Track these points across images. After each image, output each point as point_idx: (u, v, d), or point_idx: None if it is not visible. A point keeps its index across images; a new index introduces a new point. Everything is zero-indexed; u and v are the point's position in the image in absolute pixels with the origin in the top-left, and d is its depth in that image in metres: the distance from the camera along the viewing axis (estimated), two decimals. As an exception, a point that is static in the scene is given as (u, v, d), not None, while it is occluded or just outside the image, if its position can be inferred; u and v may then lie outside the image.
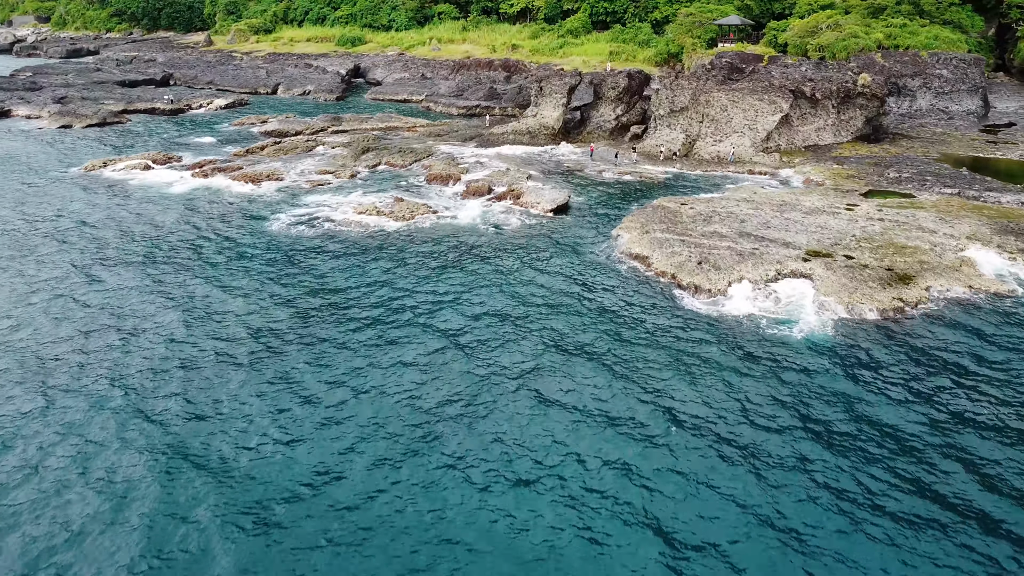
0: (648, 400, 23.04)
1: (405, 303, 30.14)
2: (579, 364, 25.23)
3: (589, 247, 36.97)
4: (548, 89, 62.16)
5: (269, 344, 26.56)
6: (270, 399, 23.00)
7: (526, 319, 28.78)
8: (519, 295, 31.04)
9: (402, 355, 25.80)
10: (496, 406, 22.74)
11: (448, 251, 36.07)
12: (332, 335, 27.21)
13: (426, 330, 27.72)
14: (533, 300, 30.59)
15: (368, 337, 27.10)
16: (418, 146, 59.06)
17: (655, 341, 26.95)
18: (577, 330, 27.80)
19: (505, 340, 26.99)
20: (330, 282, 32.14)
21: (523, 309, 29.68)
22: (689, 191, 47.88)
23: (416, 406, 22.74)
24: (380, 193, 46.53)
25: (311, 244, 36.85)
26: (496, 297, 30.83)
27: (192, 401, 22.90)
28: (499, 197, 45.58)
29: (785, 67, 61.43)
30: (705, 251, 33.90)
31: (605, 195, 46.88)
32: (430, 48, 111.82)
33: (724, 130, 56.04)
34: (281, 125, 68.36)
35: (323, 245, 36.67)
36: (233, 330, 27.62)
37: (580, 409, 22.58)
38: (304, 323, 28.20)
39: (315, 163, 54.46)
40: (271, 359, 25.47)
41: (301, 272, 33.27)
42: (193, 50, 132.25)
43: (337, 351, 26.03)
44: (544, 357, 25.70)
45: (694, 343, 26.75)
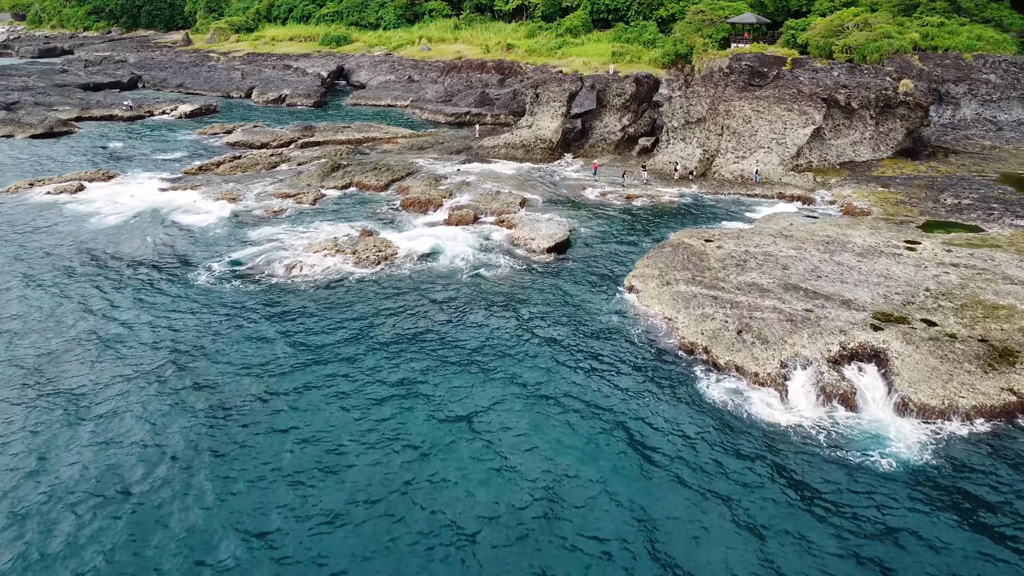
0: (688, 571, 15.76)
1: (354, 407, 22.81)
2: (591, 512, 17.92)
3: (596, 303, 29.63)
4: (545, 96, 54.83)
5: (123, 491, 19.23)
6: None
7: (509, 435, 21.46)
8: (504, 390, 23.72)
9: (335, 509, 18.48)
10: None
11: (419, 313, 28.70)
12: (250, 468, 19.89)
13: (382, 449, 20.41)
14: (525, 396, 23.27)
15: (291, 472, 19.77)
16: (397, 162, 51.71)
17: (690, 465, 19.64)
18: (587, 457, 20.46)
19: (488, 476, 19.68)
20: (254, 370, 24.78)
21: (510, 415, 22.36)
22: (711, 220, 40.57)
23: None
24: (346, 223, 39.19)
25: (243, 304, 29.45)
26: (476, 395, 23.50)
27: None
28: (488, 227, 38.27)
29: (814, 72, 54.13)
30: (745, 313, 26.58)
31: (612, 226, 39.56)
32: (419, 48, 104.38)
33: (748, 145, 48.71)
34: (246, 136, 60.94)
35: (257, 307, 29.26)
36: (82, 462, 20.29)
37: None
38: (209, 434, 20.87)
39: (275, 184, 47.06)
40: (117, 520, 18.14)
41: (213, 356, 25.90)
42: (170, 50, 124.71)
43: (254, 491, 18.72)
44: (541, 505, 18.39)
45: (744, 474, 19.41)
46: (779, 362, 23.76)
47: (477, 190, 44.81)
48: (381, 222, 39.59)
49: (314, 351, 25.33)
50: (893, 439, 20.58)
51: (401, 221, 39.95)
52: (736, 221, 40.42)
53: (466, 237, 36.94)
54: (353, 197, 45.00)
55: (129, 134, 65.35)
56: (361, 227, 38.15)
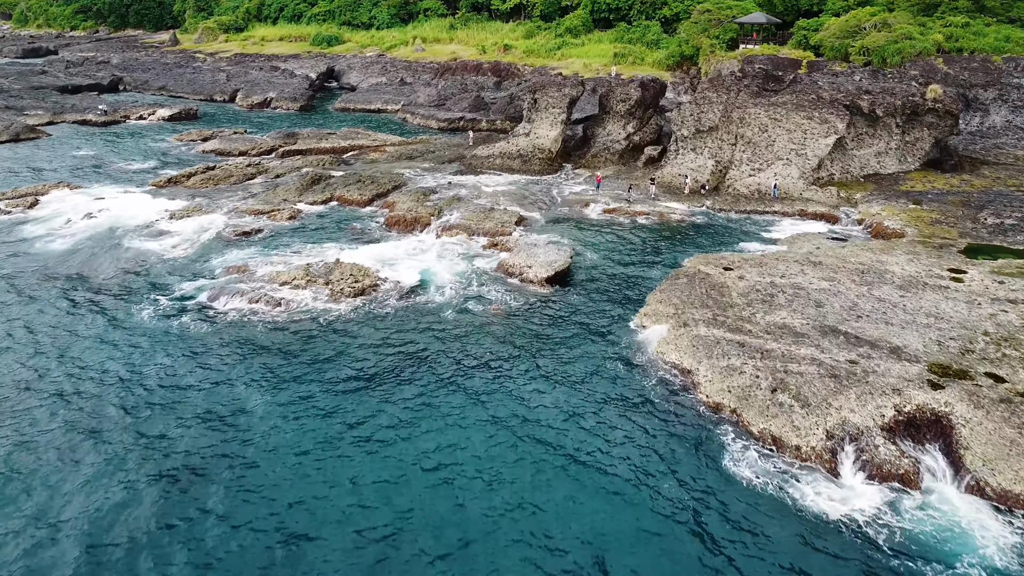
0: None
1: (315, 483, 18.87)
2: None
3: (602, 348, 25.68)
4: (544, 102, 50.88)
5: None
6: None
7: (499, 527, 17.53)
8: (494, 470, 19.79)
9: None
10: None
11: (397, 366, 24.74)
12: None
13: (353, 535, 16.47)
14: (518, 476, 19.35)
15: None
16: (383, 173, 47.74)
17: (718, 573, 15.72)
18: (591, 560, 16.54)
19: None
20: (192, 430, 20.84)
21: (500, 492, 18.44)
22: (728, 242, 36.65)
23: None
24: (323, 246, 35.25)
25: (186, 347, 25.48)
26: (460, 463, 19.58)
27: None
28: (479, 251, 34.34)
29: (834, 76, 50.26)
30: (779, 366, 22.64)
31: (619, 249, 35.62)
32: (413, 48, 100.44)
33: (764, 156, 44.77)
34: (223, 144, 56.94)
35: (203, 351, 25.30)
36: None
37: None
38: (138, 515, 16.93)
39: (249, 199, 43.09)
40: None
41: (134, 413, 21.94)
42: (156, 50, 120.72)
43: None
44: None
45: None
46: (824, 432, 19.82)
47: (469, 206, 40.87)
48: (362, 245, 35.63)
49: (266, 411, 21.40)
50: (973, 538, 16.67)
51: (385, 242, 35.99)
52: (755, 242, 36.52)
53: (455, 264, 32.99)
54: (333, 214, 41.03)
55: (101, 140, 61.33)
56: (338, 251, 34.21)
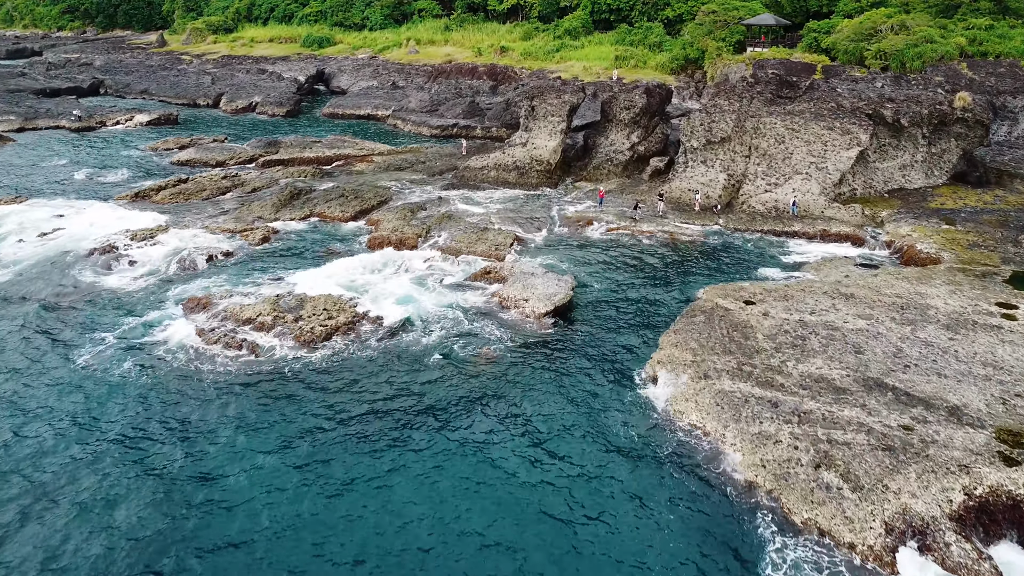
0: None
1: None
2: None
3: (608, 402, 22.16)
4: (542, 110, 47.35)
5: None
6: None
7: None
8: (482, 549, 16.31)
9: None
10: None
11: (372, 428, 21.22)
12: None
13: None
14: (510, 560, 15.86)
15: None
16: (369, 186, 44.21)
17: None
18: None
19: None
20: (120, 509, 17.33)
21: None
22: (746, 267, 33.16)
23: None
24: (296, 271, 31.70)
25: (128, 403, 21.96)
26: (446, 547, 16.09)
27: None
28: (471, 281, 30.85)
29: (854, 82, 46.76)
30: (821, 433, 19.14)
31: (625, 276, 32.11)
32: (407, 50, 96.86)
33: (781, 169, 41.29)
34: (200, 153, 53.35)
35: (141, 404, 21.79)
36: None
37: None
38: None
39: (220, 216, 39.57)
40: None
41: (55, 480, 18.44)
42: (142, 52, 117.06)
43: None
44: None
45: None
46: (882, 524, 16.34)
47: (460, 225, 37.36)
48: (340, 271, 32.08)
49: (211, 493, 17.89)
50: None
51: (366, 268, 32.46)
52: (775, 268, 33.06)
53: (444, 295, 29.46)
54: (311, 234, 37.49)
55: (71, 148, 57.71)
56: (314, 279, 30.68)
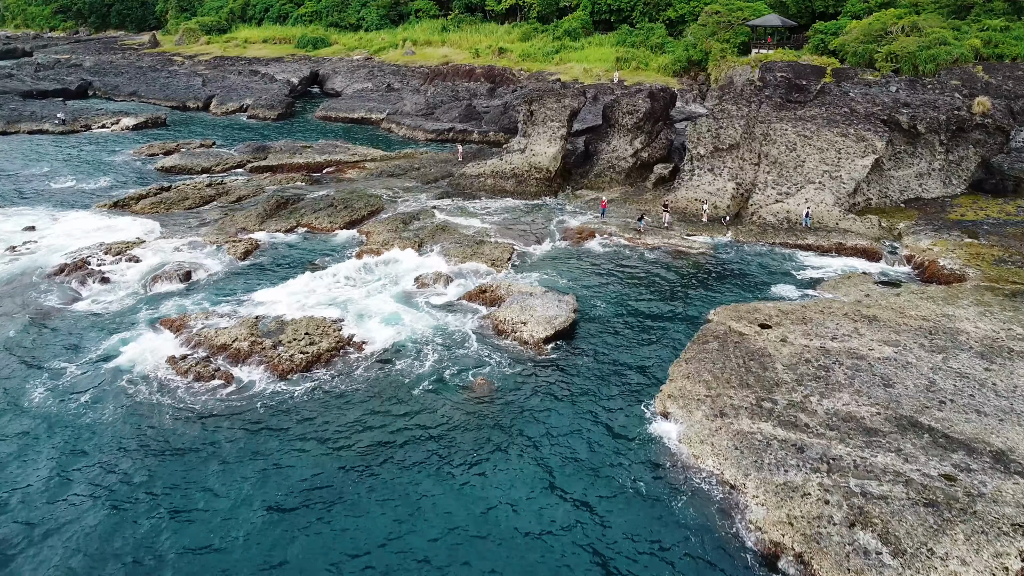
0: None
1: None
2: None
3: (613, 445, 20.08)
4: (541, 115, 45.28)
5: None
6: None
7: None
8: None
9: None
10: None
11: (354, 466, 19.17)
12: None
13: None
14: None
15: None
16: (360, 196, 42.14)
17: None
18: None
19: None
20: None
21: None
22: (759, 285, 31.11)
23: None
24: (279, 287, 29.64)
25: (85, 440, 19.89)
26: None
27: None
28: (464, 300, 28.80)
29: (867, 86, 44.71)
30: (853, 484, 17.08)
31: (630, 294, 30.06)
32: (403, 52, 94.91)
33: (792, 178, 39.27)
34: (185, 159, 51.25)
35: (100, 445, 19.72)
36: None
37: None
38: None
39: (202, 227, 37.52)
40: None
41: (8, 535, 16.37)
42: (134, 53, 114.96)
43: None
44: None
45: None
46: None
47: (455, 238, 35.33)
48: (326, 289, 30.04)
49: (177, 531, 15.83)
50: None
51: (353, 284, 30.41)
52: (790, 285, 31.01)
53: (435, 316, 27.41)
54: (298, 246, 35.43)
55: (53, 153, 55.61)
56: (298, 296, 28.65)
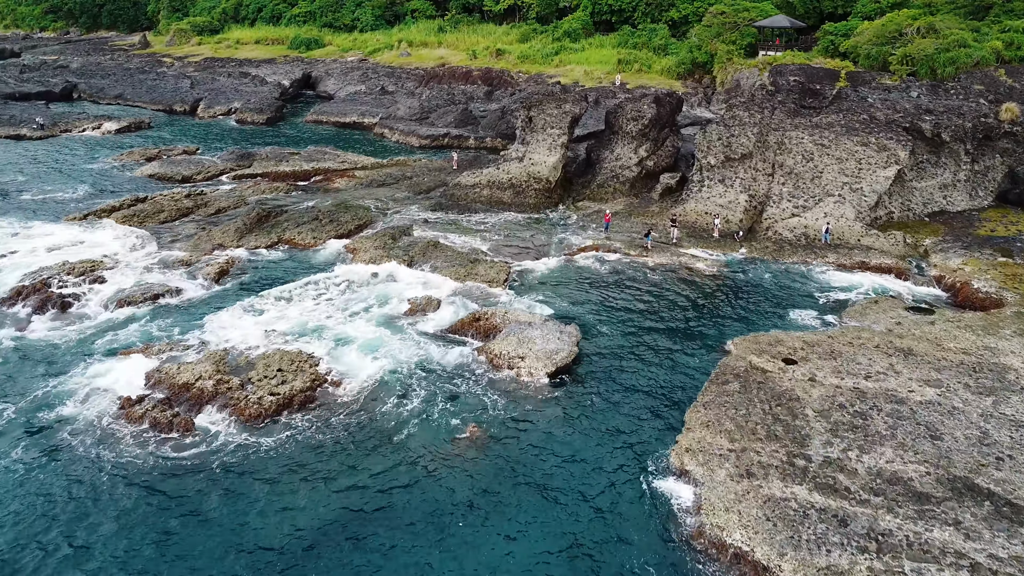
0: None
1: None
2: None
3: (623, 506, 17.47)
4: (541, 121, 42.69)
5: None
6: None
7: None
8: None
9: None
10: None
11: (328, 534, 16.58)
12: None
13: None
14: None
15: None
16: (347, 207, 39.54)
17: None
18: None
19: None
20: None
21: None
22: (778, 309, 28.52)
23: None
24: (251, 315, 27.06)
25: (22, 498, 17.32)
26: None
27: None
28: (456, 329, 26.24)
29: (885, 91, 42.19)
30: (907, 568, 14.51)
31: (639, 320, 27.48)
32: (398, 53, 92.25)
33: (810, 190, 36.73)
34: (166, 167, 48.61)
35: (40, 509, 17.15)
36: None
37: None
38: None
39: (176, 242, 34.93)
40: None
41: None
42: (124, 53, 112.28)
43: None
44: None
45: None
46: None
47: (447, 255, 32.74)
48: (304, 312, 27.46)
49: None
50: None
51: (336, 303, 27.84)
52: (811, 309, 28.45)
53: (425, 347, 24.83)
54: (278, 265, 32.81)
55: (27, 160, 52.94)
56: (272, 323, 26.09)
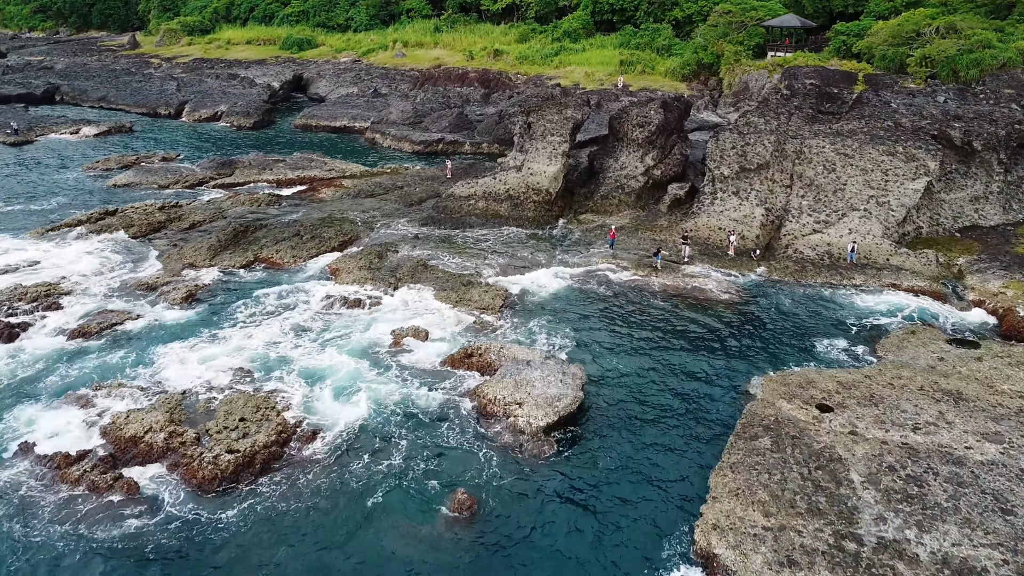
0: None
1: None
2: None
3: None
4: (541, 127, 39.79)
5: None
6: None
7: None
8: None
9: None
10: None
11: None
12: None
13: None
14: None
15: None
16: (332, 222, 36.67)
17: None
18: None
19: None
20: None
21: None
22: (805, 342, 25.64)
23: None
24: (217, 346, 24.20)
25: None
26: None
27: None
28: (446, 365, 23.38)
29: (909, 96, 39.33)
30: None
31: (651, 356, 24.61)
32: (393, 54, 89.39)
33: (832, 204, 33.86)
34: (141, 176, 45.69)
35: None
36: None
37: None
38: None
39: (143, 262, 32.06)
40: None
41: None
42: (112, 54, 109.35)
43: None
44: None
45: None
46: None
47: (438, 276, 29.88)
48: (273, 344, 24.60)
49: None
50: None
51: (314, 329, 24.96)
52: (841, 338, 25.61)
53: (410, 391, 21.96)
54: (251, 288, 29.90)
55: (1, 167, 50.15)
56: (239, 362, 23.23)
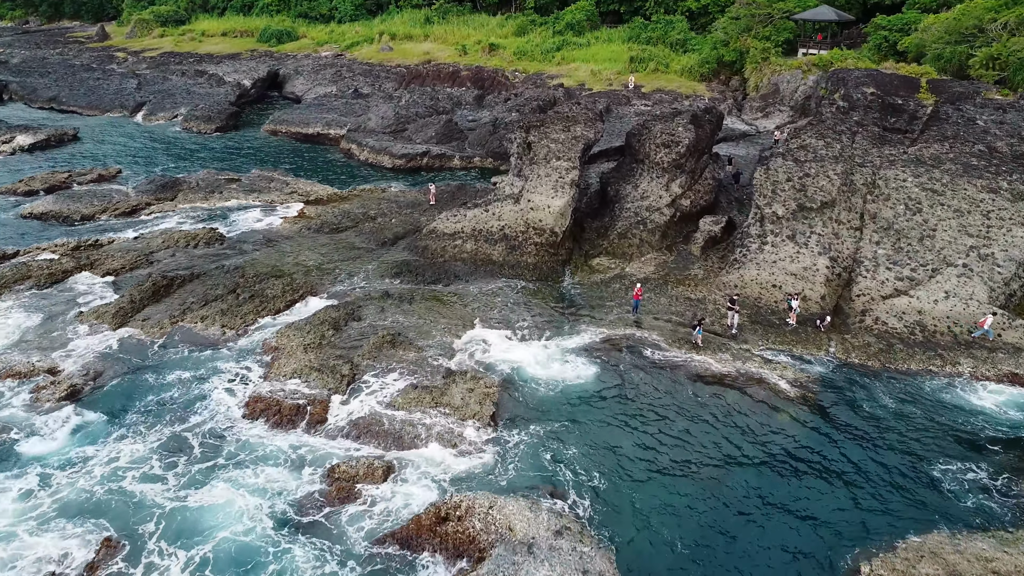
0: None
1: None
2: None
3: None
4: (543, 150, 32.15)
5: None
6: None
7: None
8: None
9: None
10: None
11: None
12: None
13: None
14: None
15: None
16: (281, 270, 29.14)
17: None
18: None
19: None
20: None
21: None
22: (920, 479, 18.25)
23: None
24: (94, 484, 16.81)
25: None
26: None
27: None
28: (405, 538, 15.99)
29: (998, 111, 31.80)
30: None
31: (703, 515, 17.26)
32: (379, 47, 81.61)
33: (919, 255, 26.38)
34: (62, 203, 37.94)
35: None
36: None
37: None
38: None
39: (25, 332, 24.57)
40: None
41: None
42: (79, 46, 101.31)
43: None
44: None
45: None
46: None
47: (408, 359, 22.44)
48: (176, 478, 17.21)
49: None
50: None
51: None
52: (972, 465, 18.26)
53: (360, 565, 14.62)
54: (159, 373, 22.43)
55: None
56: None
